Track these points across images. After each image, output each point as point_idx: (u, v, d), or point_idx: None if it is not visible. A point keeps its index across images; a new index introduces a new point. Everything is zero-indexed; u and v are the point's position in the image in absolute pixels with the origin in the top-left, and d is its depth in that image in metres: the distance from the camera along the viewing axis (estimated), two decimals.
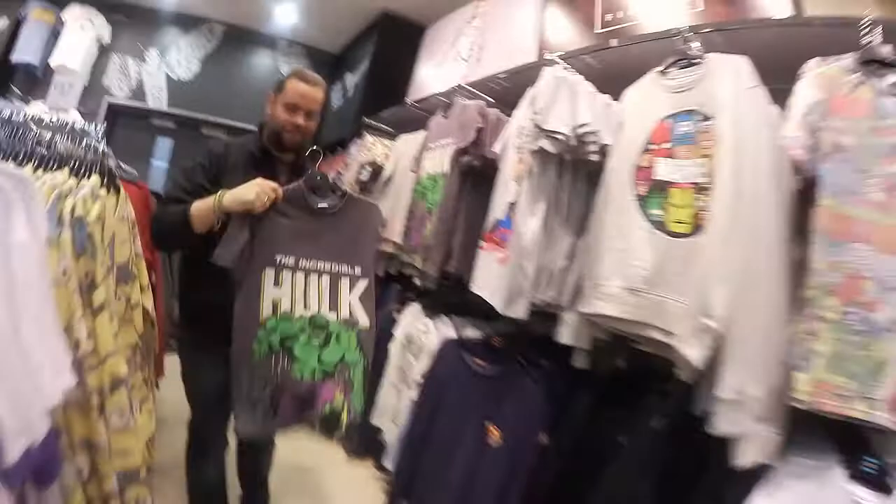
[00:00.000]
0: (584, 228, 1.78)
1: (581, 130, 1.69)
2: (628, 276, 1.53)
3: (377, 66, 4.72)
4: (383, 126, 3.90)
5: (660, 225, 1.51)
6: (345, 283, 1.77)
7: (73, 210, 1.49)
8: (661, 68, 1.65)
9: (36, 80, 4.97)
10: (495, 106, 2.39)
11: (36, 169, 1.58)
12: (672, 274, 1.46)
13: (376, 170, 3.33)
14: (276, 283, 1.68)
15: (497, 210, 1.92)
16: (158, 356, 2.55)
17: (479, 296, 1.88)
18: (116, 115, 5.42)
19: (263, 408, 1.65)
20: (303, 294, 1.71)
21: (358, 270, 1.79)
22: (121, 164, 3.03)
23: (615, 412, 1.73)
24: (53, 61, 4.94)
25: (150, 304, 1.95)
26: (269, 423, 1.69)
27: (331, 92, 5.80)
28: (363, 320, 1.78)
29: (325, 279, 1.75)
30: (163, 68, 5.60)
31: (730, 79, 1.47)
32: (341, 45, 5.78)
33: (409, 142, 3.14)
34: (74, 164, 1.63)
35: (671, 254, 1.47)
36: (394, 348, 2.49)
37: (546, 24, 3.13)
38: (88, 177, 1.62)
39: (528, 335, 1.99)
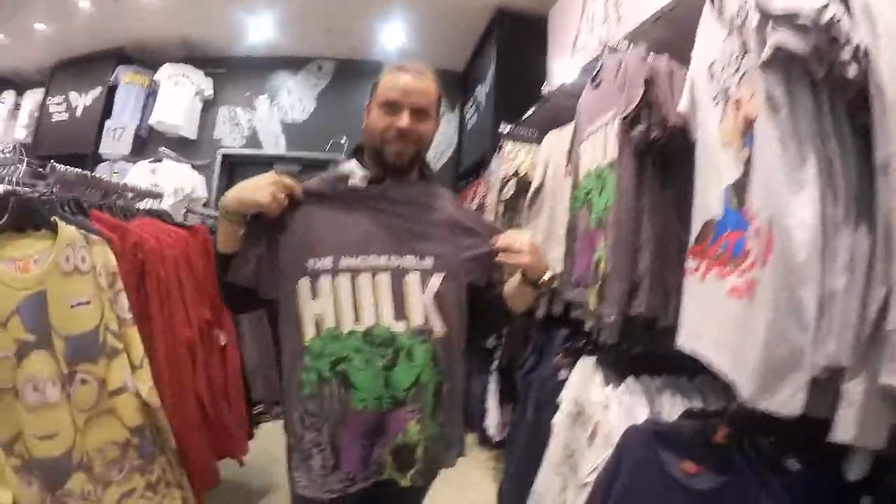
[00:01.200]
0: (864, 209, 0.95)
1: (826, 15, 0.90)
2: None
3: (505, 68, 4.22)
4: (524, 132, 3.29)
5: None
6: (412, 281, 1.30)
7: None
8: None
9: (141, 141, 5.28)
10: None
11: None
12: None
13: (522, 182, 2.70)
14: (314, 294, 1.27)
15: (708, 203, 1.17)
16: (238, 444, 2.11)
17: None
18: (234, 165, 5.55)
19: (322, 458, 1.26)
20: (351, 302, 1.27)
21: (429, 261, 1.31)
22: (190, 211, 2.70)
23: None
24: (153, 120, 5.18)
25: (145, 388, 1.52)
26: (331, 477, 1.26)
27: (465, 112, 5.48)
28: (438, 326, 1.30)
29: (384, 278, 1.29)
30: (275, 113, 5.58)
31: None
32: (464, 59, 5.36)
33: (558, 139, 2.46)
34: None
35: None
36: (559, 420, 1.76)
37: None
38: None
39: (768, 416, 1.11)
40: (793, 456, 1.10)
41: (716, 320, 1.09)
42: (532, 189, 2.55)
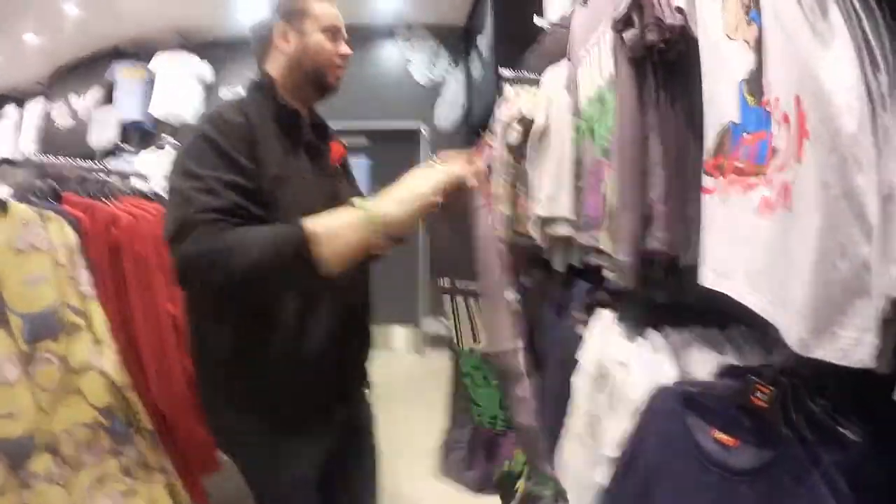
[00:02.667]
0: None
1: None
2: None
3: (502, 13, 4.11)
4: (525, 74, 3.09)
5: None
6: None
7: None
8: None
9: (149, 134, 5.37)
10: None
11: None
12: None
13: (526, 125, 2.49)
14: (450, 309, 1.44)
15: (720, 106, 0.97)
16: None
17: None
18: None
19: (460, 454, 1.41)
20: (468, 320, 1.40)
21: None
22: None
23: None
24: (153, 111, 5.25)
25: (109, 366, 1.45)
26: (463, 475, 1.42)
27: (470, 66, 5.43)
28: None
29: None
30: None
31: None
32: (465, 12, 5.21)
33: (558, 73, 2.22)
34: None
35: None
36: (578, 384, 1.54)
37: None
38: None
39: (818, 371, 0.81)
40: (851, 424, 0.83)
41: (746, 247, 0.87)
42: (535, 129, 2.33)
